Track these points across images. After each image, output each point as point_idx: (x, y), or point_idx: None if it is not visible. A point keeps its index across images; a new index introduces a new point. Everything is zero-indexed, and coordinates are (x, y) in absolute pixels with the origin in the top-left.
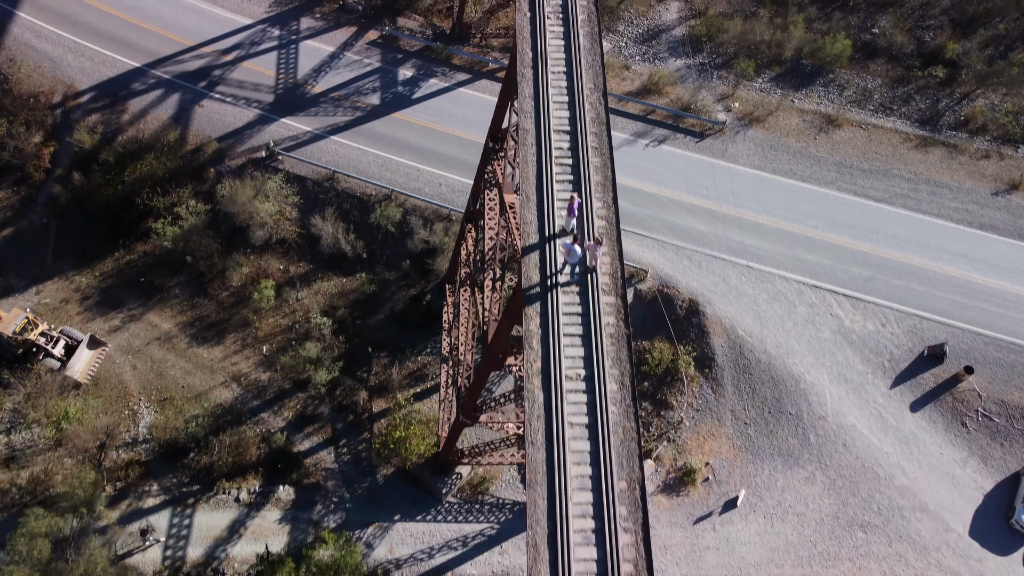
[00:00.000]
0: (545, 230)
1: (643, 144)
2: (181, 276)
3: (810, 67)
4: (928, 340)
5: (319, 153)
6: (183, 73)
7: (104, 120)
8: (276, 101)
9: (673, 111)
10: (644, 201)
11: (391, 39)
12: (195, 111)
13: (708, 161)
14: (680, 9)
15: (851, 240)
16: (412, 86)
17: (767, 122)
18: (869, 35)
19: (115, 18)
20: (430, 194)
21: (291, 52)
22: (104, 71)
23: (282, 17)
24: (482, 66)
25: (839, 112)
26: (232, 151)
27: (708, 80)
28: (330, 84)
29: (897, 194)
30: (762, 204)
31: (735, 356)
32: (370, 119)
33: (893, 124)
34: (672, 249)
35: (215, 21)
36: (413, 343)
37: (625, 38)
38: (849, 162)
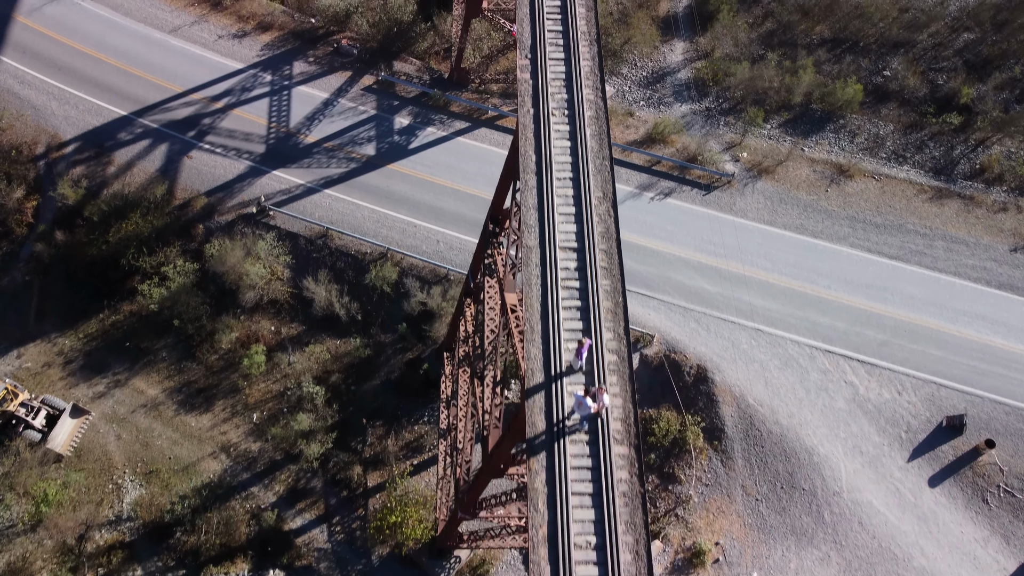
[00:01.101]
0: (551, 367)
1: (648, 197)
2: (168, 338)
3: (820, 112)
4: (946, 409)
5: (312, 208)
6: (171, 122)
7: (89, 173)
8: (268, 152)
9: (679, 162)
10: (650, 259)
11: (387, 85)
12: (183, 162)
13: (716, 215)
14: (685, 50)
15: (865, 301)
16: (409, 135)
17: (776, 173)
18: (880, 78)
19: (101, 63)
20: (427, 252)
21: (283, 99)
22: (89, 120)
23: (274, 61)
24: (481, 114)
25: (851, 161)
26: (222, 206)
27: (715, 127)
28: (324, 133)
29: (912, 251)
30: (772, 262)
31: (746, 427)
32: (365, 171)
33: (907, 174)
34: (679, 311)
35: (205, 66)
36: (410, 411)
37: (629, 81)
38: (862, 216)
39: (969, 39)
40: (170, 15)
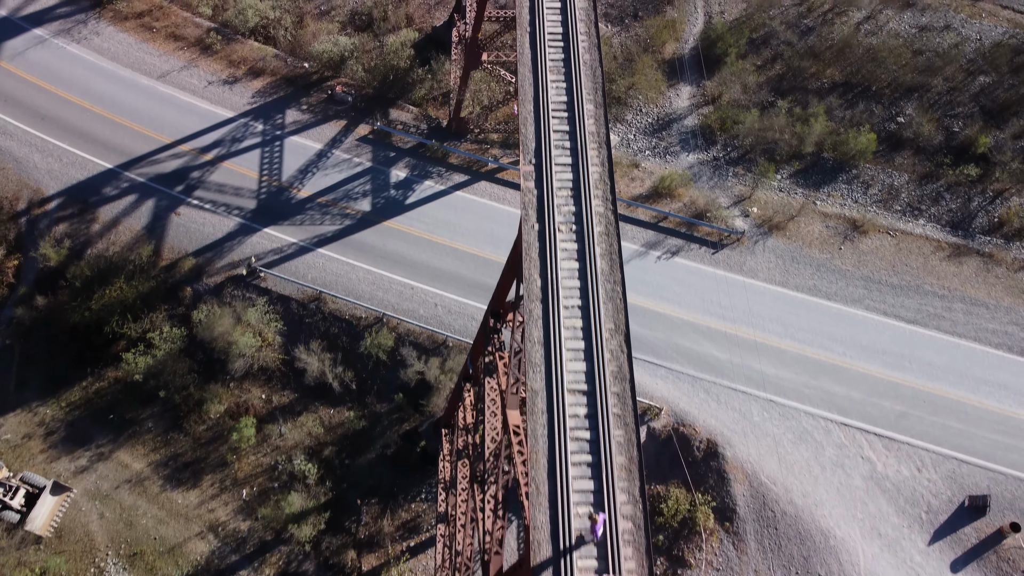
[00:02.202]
0: (560, 538)
1: (655, 256)
2: (154, 407)
3: (832, 162)
4: (969, 487)
5: (305, 269)
6: (159, 175)
7: (72, 230)
8: (259, 208)
9: (686, 218)
10: (657, 324)
11: (383, 135)
12: (171, 219)
13: (725, 276)
14: (692, 95)
15: (882, 369)
16: (405, 189)
17: (788, 229)
18: (894, 124)
19: (86, 111)
20: (425, 317)
21: (275, 150)
22: (73, 173)
23: (266, 109)
24: (480, 166)
25: (864, 216)
26: (210, 267)
27: (723, 179)
28: (317, 187)
29: (930, 314)
30: (784, 327)
31: (758, 507)
32: (360, 228)
33: (923, 229)
34: (688, 380)
35: (194, 114)
36: (406, 488)
37: (634, 129)
38: (877, 276)
39: (985, 83)
40: (158, 59)
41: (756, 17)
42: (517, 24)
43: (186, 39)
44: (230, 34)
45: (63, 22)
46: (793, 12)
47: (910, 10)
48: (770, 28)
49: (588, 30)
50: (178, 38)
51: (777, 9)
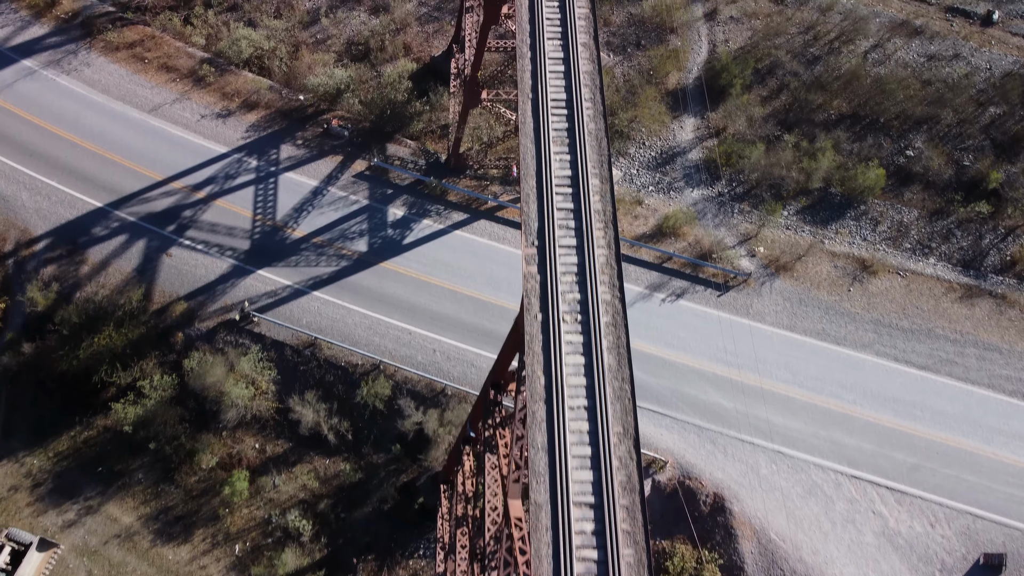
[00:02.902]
0: None
1: (659, 299)
2: (144, 457)
3: (840, 197)
4: (984, 544)
5: (299, 313)
6: (150, 215)
7: (61, 273)
8: (252, 248)
9: (691, 259)
10: (662, 371)
11: (380, 171)
12: (162, 261)
13: (732, 320)
14: (696, 127)
15: (893, 418)
16: (403, 228)
17: (795, 270)
18: (903, 158)
19: (76, 146)
20: (423, 363)
21: (269, 187)
22: (62, 212)
23: (260, 144)
24: (480, 204)
25: (874, 255)
26: (203, 311)
27: (728, 216)
28: (312, 227)
29: (942, 359)
30: (793, 373)
31: (767, 565)
32: (356, 270)
33: (933, 269)
34: (694, 431)
35: (186, 149)
36: (404, 543)
37: (637, 163)
38: (887, 320)
39: (996, 115)
40: (150, 92)
41: (761, 46)
42: (519, 89)
43: (179, 70)
44: (223, 65)
45: (53, 52)
46: (799, 40)
47: (918, 38)
48: (776, 58)
49: (593, 96)
50: (170, 69)
51: (783, 37)
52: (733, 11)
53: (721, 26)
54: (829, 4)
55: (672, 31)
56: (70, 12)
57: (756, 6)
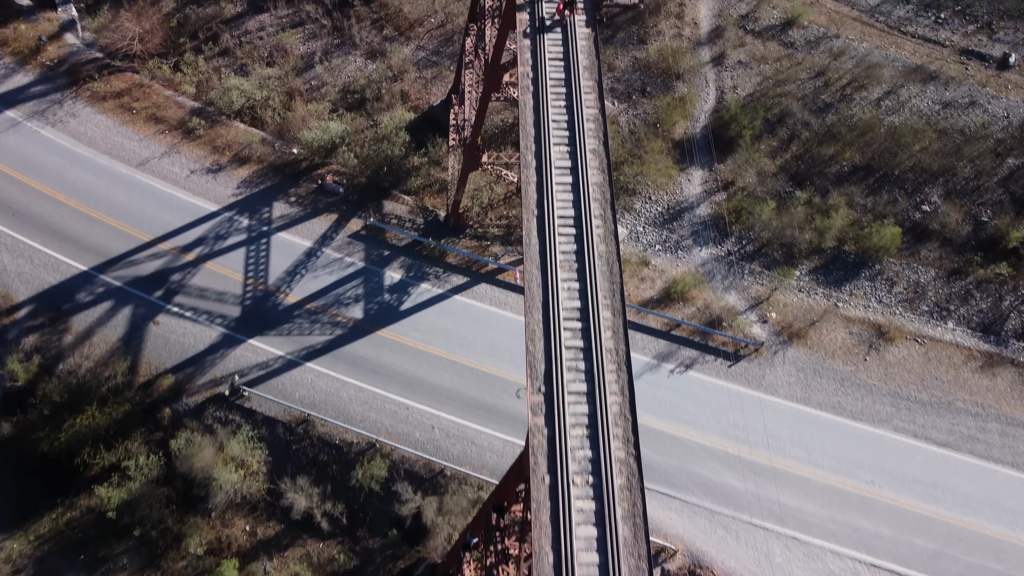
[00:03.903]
0: None
1: (667, 369)
2: (129, 541)
3: (854, 256)
4: None
5: (292, 386)
6: (136, 279)
7: (43, 343)
8: (244, 315)
9: (701, 327)
10: (671, 448)
11: (376, 231)
12: (149, 329)
13: (743, 392)
14: (704, 180)
15: (913, 500)
16: (400, 293)
17: (809, 337)
18: (919, 213)
19: (61, 205)
20: (421, 441)
21: (261, 249)
22: (45, 276)
23: (252, 202)
24: (480, 266)
25: (890, 320)
26: (191, 384)
27: (739, 277)
28: (306, 291)
29: (963, 435)
30: (807, 451)
31: None
32: (352, 338)
33: (952, 335)
34: (704, 515)
35: (175, 208)
36: None
37: (643, 219)
38: (905, 392)
39: (1014, 166)
40: (138, 145)
41: (771, 93)
42: (523, 204)
43: (167, 121)
44: (214, 115)
45: (37, 103)
46: (809, 86)
47: (933, 83)
48: (786, 107)
49: (603, 211)
50: (159, 120)
51: (793, 84)
52: (741, 55)
53: (729, 71)
54: (841, 49)
55: (678, 77)
56: (56, 59)
57: (765, 50)
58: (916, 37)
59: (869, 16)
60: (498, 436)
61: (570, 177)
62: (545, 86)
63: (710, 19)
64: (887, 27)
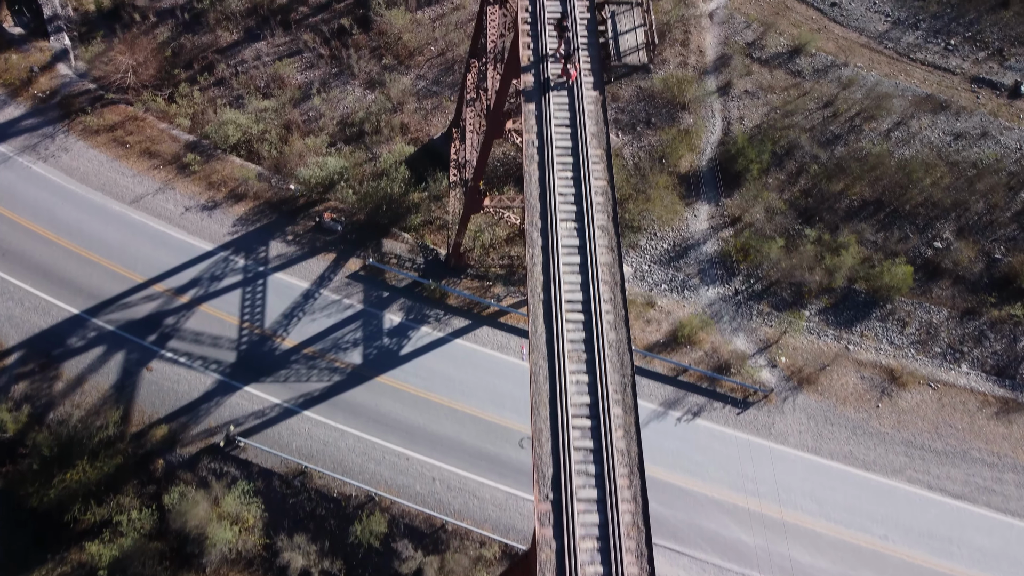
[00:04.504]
0: None
1: (674, 417)
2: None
3: (864, 295)
4: None
5: (289, 436)
6: (129, 323)
7: (33, 390)
8: (239, 361)
9: (709, 373)
10: (678, 500)
11: (375, 271)
12: (142, 376)
13: (752, 441)
14: (710, 215)
15: (928, 556)
16: (400, 337)
17: (820, 382)
18: (931, 249)
19: (52, 244)
20: (421, 494)
21: (258, 290)
22: (36, 320)
23: (248, 241)
24: (482, 308)
25: (902, 364)
26: (185, 434)
27: (747, 318)
28: (303, 335)
29: (979, 487)
30: (819, 503)
31: None
32: (350, 385)
33: (966, 380)
34: (714, 572)
35: (170, 247)
36: None
37: (648, 257)
38: (919, 440)
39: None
40: (131, 180)
41: (778, 124)
42: (528, 286)
43: (162, 156)
44: (209, 149)
45: (28, 136)
46: (818, 117)
47: (943, 114)
48: (793, 139)
49: (613, 295)
50: (153, 155)
51: (801, 114)
52: (748, 84)
53: (736, 101)
54: (850, 78)
55: (684, 107)
56: (48, 90)
57: (772, 79)
58: (926, 64)
59: (878, 43)
60: (501, 488)
61: (578, 257)
62: (551, 156)
63: (716, 47)
64: (896, 54)
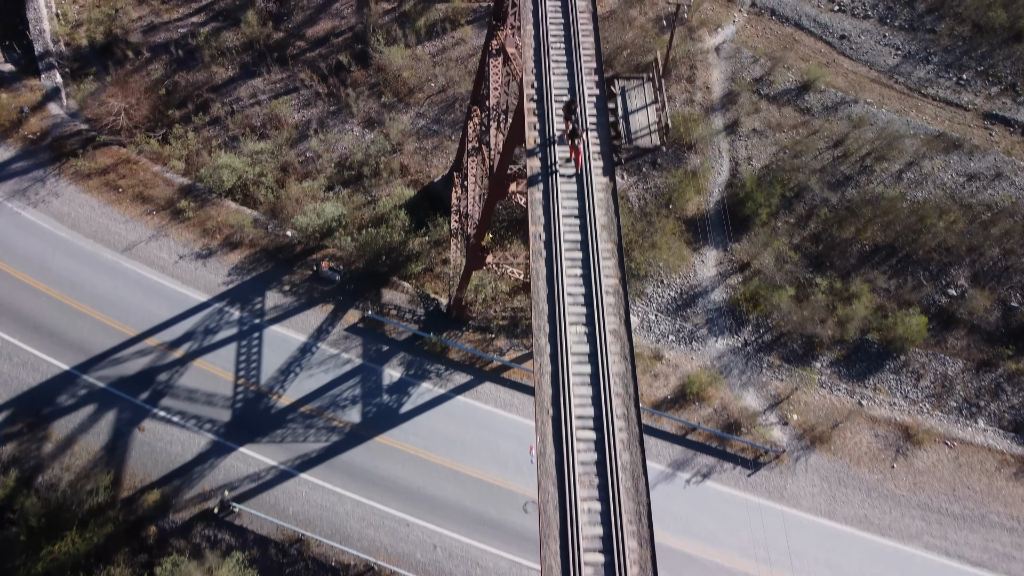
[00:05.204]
0: None
1: (683, 479)
2: None
3: (877, 346)
4: None
5: (285, 501)
6: (121, 379)
7: (22, 452)
8: (234, 419)
9: (718, 432)
10: (687, 569)
11: (374, 323)
12: (134, 436)
13: (764, 505)
14: (718, 261)
15: None
16: (400, 394)
17: (832, 441)
18: (945, 297)
19: (42, 296)
20: (422, 563)
21: (253, 344)
22: (25, 377)
23: (243, 291)
24: (484, 363)
25: (917, 420)
26: (178, 498)
27: (757, 371)
28: (300, 392)
29: (998, 553)
30: (833, 571)
31: None
32: (348, 446)
33: (983, 437)
34: None
35: (163, 297)
36: None
37: (654, 306)
38: (936, 503)
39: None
40: (124, 227)
41: (788, 165)
42: (536, 400)
43: (155, 201)
44: (204, 194)
45: (19, 180)
46: (827, 157)
47: (956, 152)
48: (803, 182)
49: (627, 411)
50: (146, 200)
51: (810, 154)
52: (756, 122)
53: (743, 140)
54: (860, 116)
55: (690, 147)
56: (38, 131)
57: (780, 116)
58: (937, 100)
59: (888, 77)
60: (504, 556)
61: (588, 367)
62: (559, 252)
63: (723, 83)
64: (907, 89)
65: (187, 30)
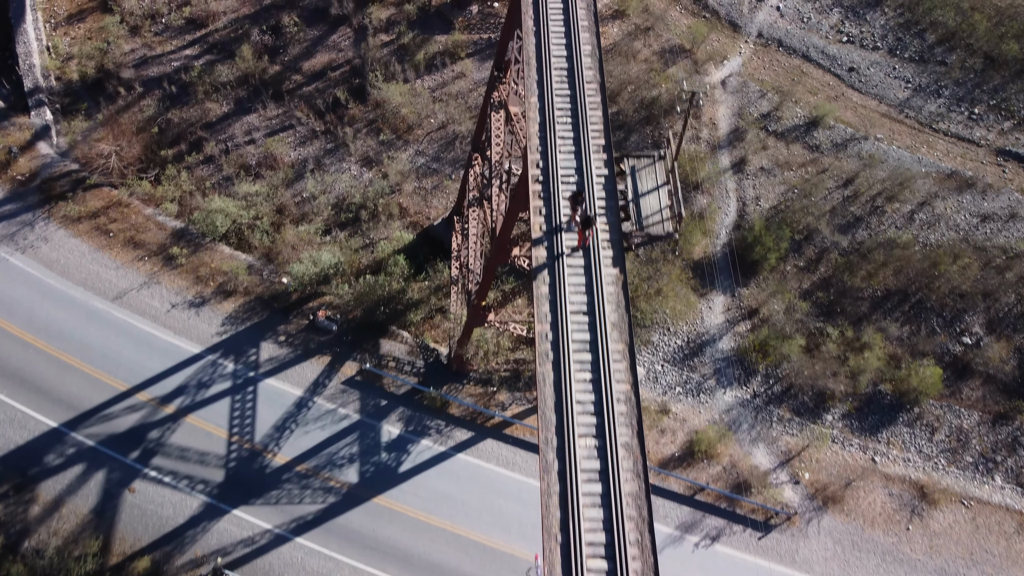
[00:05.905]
0: None
1: (692, 543)
2: None
3: (890, 398)
4: None
5: (280, 567)
6: (111, 437)
7: (8, 515)
8: (227, 480)
9: (728, 493)
10: None
11: (372, 377)
12: (124, 498)
13: (775, 570)
14: (726, 307)
15: None
16: (399, 452)
17: (846, 501)
18: (959, 345)
19: (29, 347)
20: None
21: (248, 399)
22: (11, 435)
23: (237, 342)
24: (486, 419)
25: (932, 478)
26: (169, 564)
27: (767, 425)
28: (296, 450)
29: None
30: None
31: None
32: (346, 507)
33: (1000, 495)
34: None
35: (154, 349)
36: None
37: (660, 355)
38: (953, 568)
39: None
40: (115, 274)
41: (796, 205)
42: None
43: (147, 246)
44: (197, 238)
45: (7, 225)
46: (837, 196)
47: (969, 192)
48: (813, 225)
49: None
50: (138, 245)
51: (820, 194)
52: (764, 160)
53: (751, 179)
54: (870, 154)
55: (697, 187)
56: (27, 172)
57: (789, 154)
58: (949, 135)
59: (898, 112)
60: None
61: (599, 485)
62: (567, 354)
63: (729, 119)
64: (918, 124)
65: (181, 63)
